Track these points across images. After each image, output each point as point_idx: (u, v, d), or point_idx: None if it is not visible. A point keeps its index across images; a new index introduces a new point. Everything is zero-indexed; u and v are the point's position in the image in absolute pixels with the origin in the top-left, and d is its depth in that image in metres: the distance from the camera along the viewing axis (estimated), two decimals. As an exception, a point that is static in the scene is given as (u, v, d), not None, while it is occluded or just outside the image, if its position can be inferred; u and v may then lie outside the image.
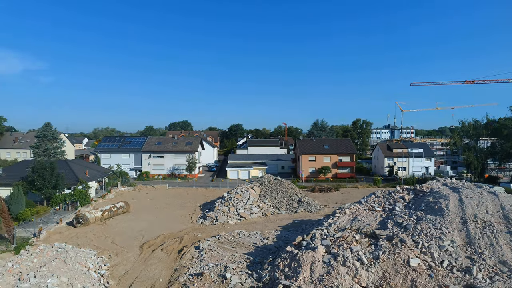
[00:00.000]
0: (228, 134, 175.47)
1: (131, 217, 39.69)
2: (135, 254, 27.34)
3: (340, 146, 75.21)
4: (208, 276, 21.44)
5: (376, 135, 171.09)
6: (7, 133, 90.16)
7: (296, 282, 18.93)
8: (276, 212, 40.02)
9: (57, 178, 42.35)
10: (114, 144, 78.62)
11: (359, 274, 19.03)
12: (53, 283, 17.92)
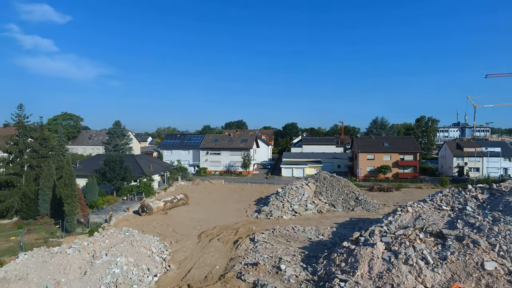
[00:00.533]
0: (283, 133, 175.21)
1: (190, 209, 41.61)
2: (194, 242, 28.58)
3: (401, 144, 70.79)
4: (262, 266, 21.60)
5: (443, 133, 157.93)
6: (83, 131, 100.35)
7: (353, 277, 18.17)
8: (331, 210, 38.95)
9: (125, 171, 46.03)
10: (175, 142, 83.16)
11: (424, 274, 17.64)
12: (122, 262, 19.41)
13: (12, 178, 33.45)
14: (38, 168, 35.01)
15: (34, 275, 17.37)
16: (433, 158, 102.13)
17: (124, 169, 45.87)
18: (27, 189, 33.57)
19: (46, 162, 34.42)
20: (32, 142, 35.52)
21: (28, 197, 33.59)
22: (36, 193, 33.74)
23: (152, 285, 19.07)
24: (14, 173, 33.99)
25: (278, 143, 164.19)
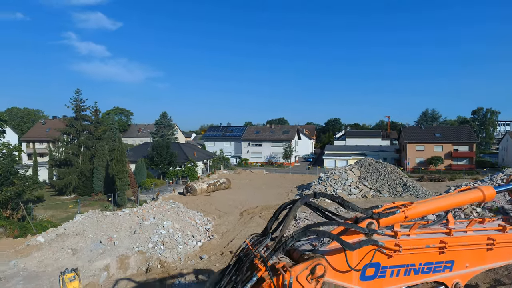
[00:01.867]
0: (325, 129, 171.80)
1: (232, 192, 42.30)
2: (236, 218, 28.99)
3: (455, 134, 66.04)
4: (304, 238, 21.31)
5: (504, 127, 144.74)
6: (133, 125, 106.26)
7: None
8: (377, 195, 37.40)
9: (171, 156, 47.96)
10: (217, 134, 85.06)
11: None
12: (168, 225, 20.19)
13: (70, 157, 36.30)
14: (93, 149, 37.65)
15: (89, 231, 18.65)
16: (492, 153, 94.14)
17: (170, 154, 47.80)
18: (84, 167, 36.23)
19: (100, 143, 36.92)
20: (88, 125, 38.29)
21: (84, 175, 36.22)
22: (91, 171, 36.30)
23: (197, 249, 19.60)
24: (72, 152, 36.86)
25: (320, 139, 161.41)
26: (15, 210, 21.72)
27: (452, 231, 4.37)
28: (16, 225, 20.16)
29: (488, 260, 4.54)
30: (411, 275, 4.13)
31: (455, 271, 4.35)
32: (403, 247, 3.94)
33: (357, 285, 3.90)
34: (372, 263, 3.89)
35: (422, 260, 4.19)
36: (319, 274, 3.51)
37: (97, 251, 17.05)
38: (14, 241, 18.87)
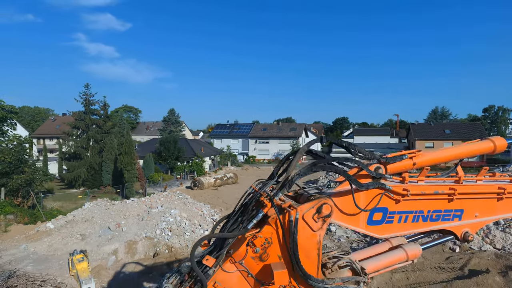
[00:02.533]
0: (333, 128, 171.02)
1: (239, 186, 42.35)
2: (243, 210, 29.09)
3: (466, 131, 65.15)
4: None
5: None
6: (141, 123, 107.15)
7: (410, 235, 17.10)
8: (385, 190, 37.19)
9: (179, 151, 48.25)
10: (224, 131, 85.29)
11: (492, 235, 16.00)
12: (176, 213, 20.32)
13: (80, 151, 36.78)
14: (101, 143, 38.08)
15: (98, 218, 18.86)
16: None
17: (177, 149, 48.09)
18: (93, 161, 36.66)
19: (108, 137, 37.30)
20: (97, 119, 38.73)
21: (93, 168, 36.65)
22: (100, 165, 36.71)
23: (203, 237, 19.72)
24: (81, 146, 37.34)
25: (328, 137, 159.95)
26: (25, 198, 22.08)
27: (462, 179, 4.28)
28: (26, 212, 20.48)
29: (499, 211, 4.43)
30: (419, 222, 4.06)
31: (464, 220, 4.26)
32: (411, 191, 3.87)
33: (364, 229, 3.83)
34: (379, 207, 3.82)
35: (431, 207, 4.11)
36: (325, 213, 3.45)
37: (105, 237, 17.23)
38: (25, 227, 19.16)
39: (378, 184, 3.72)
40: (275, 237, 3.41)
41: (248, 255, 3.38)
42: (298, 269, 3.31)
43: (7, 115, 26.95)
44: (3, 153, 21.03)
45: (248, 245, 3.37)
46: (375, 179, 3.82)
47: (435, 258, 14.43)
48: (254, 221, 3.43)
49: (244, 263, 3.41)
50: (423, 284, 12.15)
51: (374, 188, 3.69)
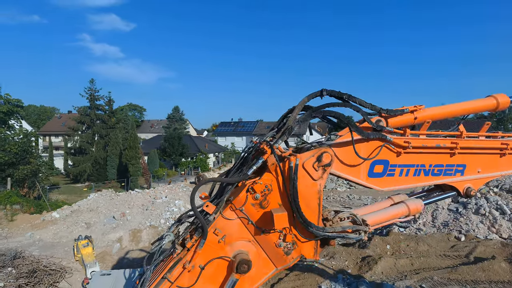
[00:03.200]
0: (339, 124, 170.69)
1: (243, 182, 42.52)
2: (246, 204, 29.17)
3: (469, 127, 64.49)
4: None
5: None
6: (146, 121, 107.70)
7: (415, 224, 16.96)
8: (390, 185, 37.02)
9: (183, 147, 48.43)
10: (229, 129, 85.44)
11: (499, 224, 15.81)
12: (180, 204, 20.42)
13: (85, 145, 37.04)
14: (106, 138, 38.31)
15: (103, 208, 19.01)
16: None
17: (182, 146, 48.28)
18: (98, 155, 36.91)
19: (113, 132, 37.52)
20: (102, 114, 38.98)
21: (98, 163, 36.91)
22: (105, 159, 36.95)
23: (207, 227, 19.81)
24: (86, 141, 37.61)
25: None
26: (31, 189, 22.29)
27: (464, 134, 4.26)
28: (32, 203, 20.68)
29: (502, 167, 4.39)
30: (421, 176, 4.03)
31: (466, 175, 4.23)
32: (412, 144, 3.84)
33: (365, 181, 3.80)
34: (380, 159, 3.79)
35: (433, 161, 4.07)
36: (325, 162, 3.40)
37: (110, 225, 17.34)
38: (30, 216, 19.35)
39: (379, 135, 3.68)
40: (275, 184, 3.38)
41: (248, 202, 3.35)
42: (299, 216, 3.28)
43: (14, 109, 27.22)
44: (9, 144, 21.28)
45: (248, 191, 3.34)
46: (376, 131, 3.80)
47: (440, 246, 14.32)
48: (254, 168, 3.38)
49: (244, 210, 3.38)
50: (427, 270, 12.07)
51: (375, 139, 3.66)
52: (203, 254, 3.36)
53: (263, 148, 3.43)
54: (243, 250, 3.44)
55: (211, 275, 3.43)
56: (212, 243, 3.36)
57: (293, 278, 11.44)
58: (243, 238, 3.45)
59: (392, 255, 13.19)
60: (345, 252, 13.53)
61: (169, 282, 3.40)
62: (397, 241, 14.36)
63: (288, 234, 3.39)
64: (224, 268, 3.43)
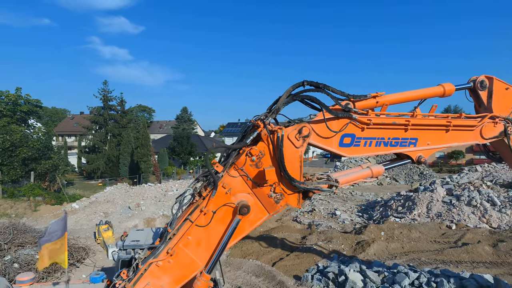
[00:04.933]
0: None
1: (250, 180, 43.80)
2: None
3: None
4: (318, 212, 22.31)
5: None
6: (155, 121, 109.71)
7: (410, 215, 18.02)
8: (393, 183, 37.86)
9: (191, 146, 49.89)
10: (236, 129, 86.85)
11: (489, 215, 16.81)
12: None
13: (98, 144, 38.71)
14: (119, 137, 39.95)
15: (119, 199, 20.45)
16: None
17: (190, 145, 49.74)
18: (110, 153, 38.55)
19: (125, 131, 39.14)
20: (114, 114, 40.68)
21: (111, 161, 38.54)
22: (117, 157, 38.56)
23: (215, 218, 21.12)
24: (100, 139, 39.29)
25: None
26: (51, 183, 23.87)
27: (416, 114, 5.47)
28: (53, 195, 22.22)
29: (447, 140, 5.61)
30: (381, 147, 5.27)
31: (418, 146, 5.45)
32: (373, 121, 5.09)
33: (337, 149, 5.07)
34: (348, 133, 5.06)
35: (391, 135, 5.31)
36: (305, 134, 4.71)
37: (126, 215, 18.74)
38: (52, 207, 20.88)
39: (347, 114, 4.96)
40: (267, 150, 4.68)
41: (247, 163, 4.65)
42: (285, 173, 4.58)
43: (33, 109, 28.90)
44: (32, 140, 22.92)
45: (247, 155, 4.64)
46: (345, 111, 5.06)
47: (431, 233, 15.37)
48: (251, 138, 4.72)
49: (244, 169, 4.69)
50: (416, 252, 13.16)
51: (344, 117, 4.94)
52: (215, 202, 4.67)
53: (258, 124, 4.74)
54: (244, 200, 4.74)
55: (221, 217, 4.73)
56: (221, 193, 4.67)
57: (293, 258, 12.68)
58: (244, 191, 4.76)
59: (385, 240, 14.30)
60: (342, 237, 14.72)
61: (190, 222, 4.72)
62: (391, 229, 15.48)
63: (277, 187, 4.68)
64: (230, 212, 4.73)
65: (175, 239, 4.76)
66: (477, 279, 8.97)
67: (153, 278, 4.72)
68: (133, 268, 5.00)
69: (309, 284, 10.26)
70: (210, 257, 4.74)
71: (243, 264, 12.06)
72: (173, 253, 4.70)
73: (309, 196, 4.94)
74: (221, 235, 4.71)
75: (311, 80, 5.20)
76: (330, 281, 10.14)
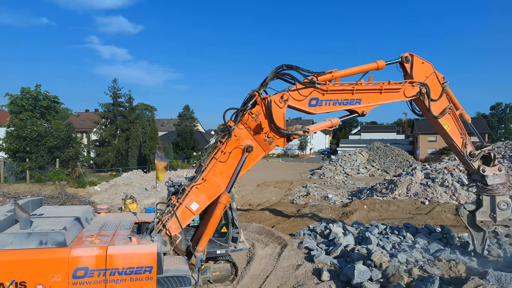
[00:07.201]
0: (341, 127, 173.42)
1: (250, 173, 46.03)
2: (254, 187, 32.94)
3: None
4: (312, 196, 24.96)
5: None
6: (157, 119, 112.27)
7: (392, 195, 20.68)
8: (384, 174, 40.42)
9: (194, 141, 52.54)
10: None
11: (458, 193, 19.49)
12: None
13: (109, 138, 41.27)
14: (127, 131, 42.52)
15: (136, 183, 23.07)
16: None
17: (193, 140, 52.38)
18: (120, 147, 41.12)
19: (134, 126, 41.73)
20: (123, 110, 43.26)
21: (121, 154, 41.10)
22: (126, 151, 41.13)
23: (221, 200, 23.70)
24: (110, 134, 41.85)
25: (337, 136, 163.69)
26: (73, 169, 26.44)
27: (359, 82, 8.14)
28: (75, 180, 24.81)
29: (381, 99, 8.33)
30: (336, 106, 8.00)
31: (362, 104, 8.16)
32: (330, 89, 7.79)
33: (307, 108, 7.80)
34: (314, 97, 7.78)
35: (342, 97, 8.04)
36: (285, 98, 7.46)
37: (143, 195, 21.35)
38: (76, 190, 23.44)
39: (311, 85, 7.66)
40: (261, 111, 7.40)
41: (249, 119, 7.36)
42: (273, 124, 7.29)
43: (52, 104, 31.49)
44: (57, 131, 25.53)
45: (249, 114, 7.35)
46: (311, 83, 7.73)
47: (407, 207, 18.00)
48: (250, 103, 7.45)
49: (248, 123, 7.38)
50: (392, 219, 15.78)
51: (310, 87, 7.63)
52: (230, 145, 7.38)
53: (254, 94, 7.44)
54: (249, 143, 7.40)
55: (235, 155, 7.44)
56: (234, 140, 7.37)
57: (289, 222, 15.35)
58: (248, 138, 7.45)
59: (367, 211, 16.94)
60: (330, 209, 17.41)
61: (215, 159, 7.41)
62: (373, 203, 18.15)
63: (269, 133, 7.36)
64: (240, 152, 7.42)
65: (207, 170, 7.48)
66: (429, 228, 11.63)
67: (194, 196, 7.45)
68: (181, 192, 7.68)
69: (301, 237, 12.87)
70: (229, 182, 7.45)
71: (247, 226, 14.68)
72: (206, 179, 7.41)
73: (291, 139, 7.68)
74: (235, 167, 7.41)
75: (288, 64, 7.91)
76: (318, 234, 12.77)
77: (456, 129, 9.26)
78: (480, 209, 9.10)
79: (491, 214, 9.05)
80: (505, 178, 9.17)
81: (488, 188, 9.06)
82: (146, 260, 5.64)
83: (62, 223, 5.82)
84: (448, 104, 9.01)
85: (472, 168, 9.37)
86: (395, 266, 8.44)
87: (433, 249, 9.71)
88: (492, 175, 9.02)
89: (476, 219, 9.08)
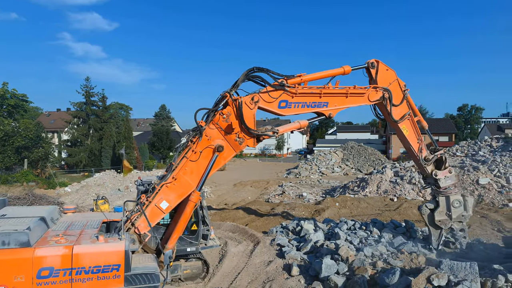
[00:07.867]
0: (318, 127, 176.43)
1: (226, 173, 46.32)
2: (230, 187, 33.01)
3: (437, 126, 70.67)
4: (287, 195, 25.37)
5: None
6: (132, 119, 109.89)
7: (363, 192, 21.39)
8: (357, 173, 41.56)
9: (171, 141, 51.91)
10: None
11: (424, 190, 20.41)
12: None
13: (81, 138, 40.10)
14: (101, 131, 41.48)
15: (109, 183, 22.62)
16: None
17: (170, 140, 51.75)
18: (93, 147, 40.06)
19: (107, 126, 40.76)
20: (96, 109, 42.16)
21: (94, 154, 40.05)
22: (99, 151, 40.12)
23: (196, 200, 23.64)
24: (82, 133, 40.68)
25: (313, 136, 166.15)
26: (42, 170, 25.54)
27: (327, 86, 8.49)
28: (44, 181, 23.99)
29: (347, 103, 8.74)
30: (305, 108, 8.32)
31: (329, 107, 8.53)
32: (298, 92, 8.08)
33: (276, 110, 8.08)
34: (283, 99, 8.06)
35: (311, 100, 8.36)
36: (256, 100, 7.67)
37: (116, 196, 20.99)
38: (45, 191, 22.71)
39: (282, 88, 7.92)
40: (232, 111, 7.58)
41: (220, 119, 7.52)
42: (244, 125, 7.48)
43: (20, 103, 30.30)
44: (26, 130, 24.59)
45: (220, 114, 7.51)
46: (280, 86, 8.00)
47: (376, 204, 18.71)
48: (222, 103, 7.61)
49: (219, 123, 7.54)
50: (361, 216, 16.37)
51: (280, 89, 7.89)
52: (201, 145, 7.50)
53: (226, 95, 7.61)
54: (219, 143, 7.55)
55: (205, 155, 7.56)
56: (204, 140, 7.50)
57: (262, 220, 15.60)
58: (219, 138, 7.61)
59: (338, 208, 17.46)
60: (303, 207, 17.81)
61: (186, 158, 7.51)
62: (344, 201, 18.71)
63: (240, 133, 7.54)
64: (211, 152, 7.56)
65: (177, 169, 7.57)
66: (395, 223, 12.19)
67: (164, 194, 7.51)
68: (150, 190, 7.72)
69: (274, 235, 13.12)
70: (199, 181, 7.57)
71: (221, 225, 14.81)
72: (176, 178, 7.50)
73: (261, 139, 7.90)
74: (205, 167, 7.55)
75: (259, 66, 8.15)
76: (290, 231, 13.07)
77: (413, 134, 9.82)
78: (437, 209, 9.67)
79: (447, 213, 9.65)
80: (455, 179, 9.82)
81: (441, 190, 9.65)
82: (113, 258, 5.68)
83: (26, 223, 5.76)
84: (408, 110, 9.53)
85: (426, 172, 9.93)
86: (361, 260, 8.83)
87: (397, 243, 10.20)
88: (444, 177, 9.62)
89: (435, 218, 9.64)
